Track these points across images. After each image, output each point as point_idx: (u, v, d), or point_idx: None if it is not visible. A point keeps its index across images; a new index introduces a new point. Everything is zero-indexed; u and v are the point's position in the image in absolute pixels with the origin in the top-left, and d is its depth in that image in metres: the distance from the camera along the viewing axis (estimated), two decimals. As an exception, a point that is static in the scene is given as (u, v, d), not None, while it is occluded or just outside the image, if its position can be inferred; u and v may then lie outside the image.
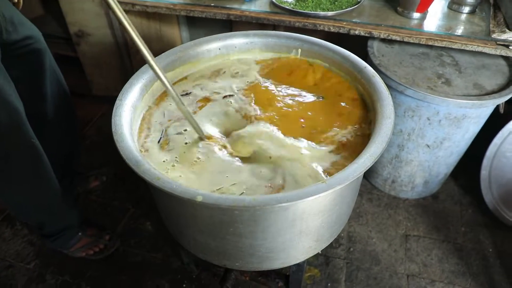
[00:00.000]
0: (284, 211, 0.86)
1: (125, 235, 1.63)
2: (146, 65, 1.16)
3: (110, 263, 1.53)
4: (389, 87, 1.39)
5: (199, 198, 0.77)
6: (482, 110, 1.37)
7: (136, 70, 1.15)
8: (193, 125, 0.97)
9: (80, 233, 1.52)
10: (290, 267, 1.22)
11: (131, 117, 1.02)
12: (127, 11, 1.75)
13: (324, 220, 0.97)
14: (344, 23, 1.44)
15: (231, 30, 2.12)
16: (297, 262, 1.08)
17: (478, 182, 1.64)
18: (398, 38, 1.40)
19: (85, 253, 1.53)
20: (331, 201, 0.93)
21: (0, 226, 1.68)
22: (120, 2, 1.64)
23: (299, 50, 1.27)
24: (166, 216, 1.10)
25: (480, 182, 1.62)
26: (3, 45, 1.14)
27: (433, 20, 1.47)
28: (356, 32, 1.42)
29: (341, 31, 1.44)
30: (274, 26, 1.78)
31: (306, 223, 0.92)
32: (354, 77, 1.15)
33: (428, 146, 1.49)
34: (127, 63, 1.98)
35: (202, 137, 0.99)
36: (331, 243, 1.60)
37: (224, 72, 1.25)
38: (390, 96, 1.02)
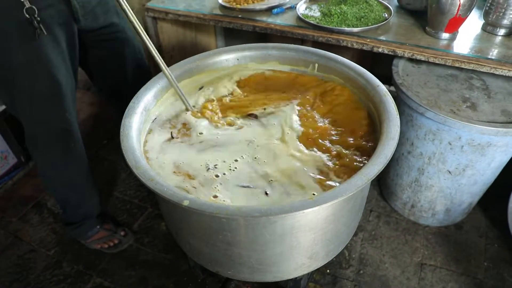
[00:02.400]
0: (271, 224, 0.86)
1: (140, 233, 1.69)
2: (162, 72, 1.22)
3: (122, 258, 1.59)
4: (409, 108, 1.35)
5: (186, 203, 0.79)
6: (510, 139, 1.28)
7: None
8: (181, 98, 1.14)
9: (98, 226, 1.60)
10: (287, 282, 1.21)
11: (141, 120, 1.08)
12: (161, 19, 1.83)
13: (317, 238, 0.95)
14: (368, 40, 1.42)
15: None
16: (291, 277, 1.07)
17: (506, 215, 1.53)
18: (422, 58, 1.35)
19: (100, 246, 1.60)
20: (324, 219, 0.91)
21: (30, 212, 1.81)
22: (154, 10, 1.73)
23: (316, 65, 1.27)
24: (166, 217, 1.14)
25: (508, 215, 1.51)
26: (82, 31, 1.28)
27: (464, 41, 1.40)
28: (380, 50, 1.40)
29: (364, 47, 1.42)
30: (302, 41, 1.79)
31: (296, 238, 0.91)
32: (366, 94, 1.13)
33: (449, 172, 1.42)
34: (151, 69, 2.06)
35: (189, 108, 1.17)
36: (341, 263, 1.56)
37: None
38: (398, 117, 0.99)
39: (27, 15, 1.03)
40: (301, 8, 1.61)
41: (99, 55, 1.44)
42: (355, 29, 1.45)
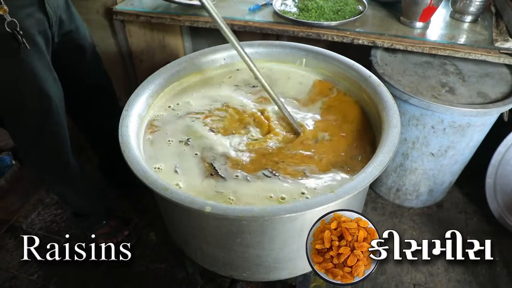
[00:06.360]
0: (292, 221, 0.85)
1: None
2: (152, 76, 1.17)
3: (113, 274, 1.52)
4: (393, 96, 1.38)
5: (208, 209, 0.77)
6: (486, 118, 1.37)
7: (140, 80, 1.16)
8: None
9: (104, 222, 1.59)
10: (296, 277, 1.21)
11: (137, 127, 1.03)
12: (130, 22, 1.77)
13: (332, 230, 0.96)
14: (348, 32, 1.45)
15: (234, 40, 2.14)
16: (304, 272, 1.07)
17: (483, 190, 1.63)
18: (401, 47, 1.41)
19: (104, 242, 1.55)
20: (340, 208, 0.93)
21: (4, 237, 1.67)
22: (123, 13, 1.66)
23: (304, 60, 1.27)
24: (172, 226, 1.10)
25: (485, 190, 1.61)
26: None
27: (435, 29, 1.48)
28: (360, 42, 1.43)
29: (344, 40, 1.45)
30: (278, 36, 1.80)
31: (313, 232, 0.92)
32: (358, 86, 1.15)
33: (432, 154, 1.49)
34: (130, 72, 1.99)
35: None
36: (336, 253, 1.59)
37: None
38: (396, 105, 1.02)
39: (9, 30, 0.97)
40: (277, 4, 1.62)
41: (60, 64, 1.34)
42: (333, 23, 1.48)
